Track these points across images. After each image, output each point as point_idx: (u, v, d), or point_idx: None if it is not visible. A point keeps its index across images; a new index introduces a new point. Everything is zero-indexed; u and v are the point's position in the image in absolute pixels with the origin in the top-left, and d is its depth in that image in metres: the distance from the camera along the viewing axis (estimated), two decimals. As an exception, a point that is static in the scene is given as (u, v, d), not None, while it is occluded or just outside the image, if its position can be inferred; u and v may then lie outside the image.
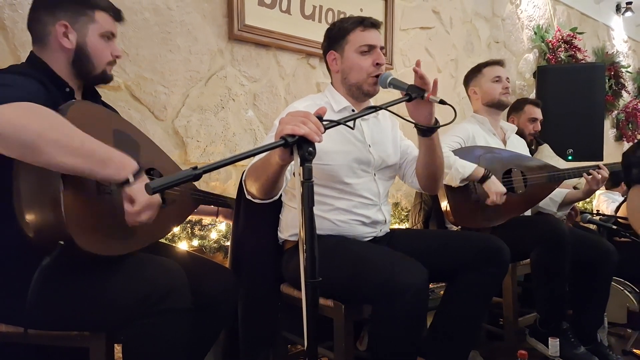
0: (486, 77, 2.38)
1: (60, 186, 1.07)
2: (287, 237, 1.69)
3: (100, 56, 1.35)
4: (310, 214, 0.96)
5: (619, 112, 5.17)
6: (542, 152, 2.84)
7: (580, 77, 3.73)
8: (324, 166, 1.57)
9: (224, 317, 1.49)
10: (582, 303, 2.22)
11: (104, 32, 1.35)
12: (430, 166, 1.63)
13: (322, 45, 1.72)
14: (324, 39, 1.71)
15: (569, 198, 2.40)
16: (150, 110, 2.04)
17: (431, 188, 1.75)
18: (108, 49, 1.37)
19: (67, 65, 1.32)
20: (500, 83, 2.34)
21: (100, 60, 1.35)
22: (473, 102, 2.46)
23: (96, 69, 1.36)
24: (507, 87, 2.35)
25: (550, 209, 2.44)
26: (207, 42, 2.19)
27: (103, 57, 1.36)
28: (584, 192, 2.30)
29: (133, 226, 1.18)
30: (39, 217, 1.10)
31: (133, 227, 1.19)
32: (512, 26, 3.97)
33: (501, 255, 1.61)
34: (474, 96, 2.43)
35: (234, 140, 2.30)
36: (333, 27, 1.67)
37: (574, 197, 2.39)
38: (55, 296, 1.15)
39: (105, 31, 1.35)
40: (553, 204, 2.42)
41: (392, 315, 1.33)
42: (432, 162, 1.62)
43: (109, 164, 1.10)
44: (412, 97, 1.37)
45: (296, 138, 0.99)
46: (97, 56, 1.35)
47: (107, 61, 1.37)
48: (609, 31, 5.23)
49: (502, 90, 2.34)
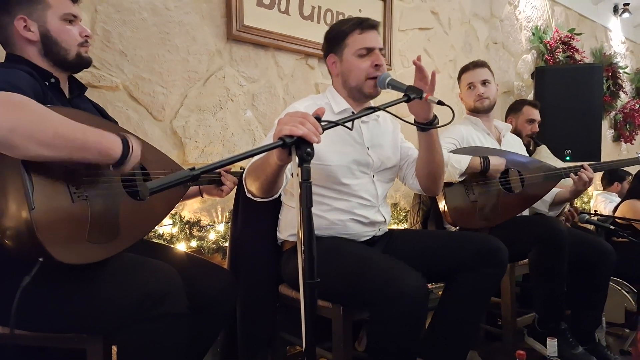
0: (463, 84, 2.41)
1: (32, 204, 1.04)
2: (286, 237, 1.69)
3: (68, 39, 1.34)
4: (309, 215, 0.96)
5: (616, 113, 5.17)
6: (540, 153, 2.84)
7: (578, 77, 3.74)
8: (322, 166, 1.57)
9: (222, 318, 1.48)
10: (580, 303, 2.22)
11: (63, 14, 1.33)
12: (430, 164, 1.64)
13: (322, 48, 1.72)
14: (323, 42, 1.71)
15: (559, 198, 2.40)
16: (148, 111, 2.04)
17: (432, 189, 1.74)
18: (74, 30, 1.35)
19: (42, 57, 1.32)
20: (473, 90, 2.35)
21: (69, 42, 1.34)
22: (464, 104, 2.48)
23: (69, 53, 1.34)
24: (480, 93, 2.33)
25: (542, 209, 2.44)
26: (206, 42, 2.19)
27: (71, 39, 1.34)
28: (572, 192, 2.30)
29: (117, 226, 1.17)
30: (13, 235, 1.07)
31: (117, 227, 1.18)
32: (511, 27, 3.98)
33: (499, 256, 1.61)
34: (462, 100, 2.47)
35: (233, 141, 2.30)
36: (331, 30, 1.67)
37: (564, 197, 2.39)
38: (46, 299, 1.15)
39: (64, 13, 1.33)
40: (544, 204, 2.42)
41: (391, 319, 1.32)
42: (432, 160, 1.63)
43: (88, 150, 1.09)
44: (410, 97, 1.37)
45: (294, 139, 0.99)
46: (64, 39, 1.33)
47: (77, 43, 1.35)
48: (606, 32, 5.24)
49: (476, 97, 2.34)
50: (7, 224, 1.07)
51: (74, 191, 1.14)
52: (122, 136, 1.18)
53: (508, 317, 2.21)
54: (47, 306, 1.16)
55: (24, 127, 1.01)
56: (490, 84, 2.35)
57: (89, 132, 1.11)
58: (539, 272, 2.09)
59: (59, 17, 1.33)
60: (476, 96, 2.33)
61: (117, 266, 1.20)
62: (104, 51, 1.91)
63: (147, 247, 1.50)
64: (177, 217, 2.05)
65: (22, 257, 1.09)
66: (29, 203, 1.04)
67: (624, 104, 5.22)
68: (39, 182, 1.07)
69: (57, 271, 1.13)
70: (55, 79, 1.31)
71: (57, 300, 1.16)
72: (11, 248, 1.09)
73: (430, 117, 1.51)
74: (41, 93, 1.18)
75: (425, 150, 1.61)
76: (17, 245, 1.08)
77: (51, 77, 1.31)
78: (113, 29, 1.92)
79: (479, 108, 2.35)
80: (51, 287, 1.14)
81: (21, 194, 1.05)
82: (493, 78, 2.39)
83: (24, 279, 1.06)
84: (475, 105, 2.35)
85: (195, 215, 2.14)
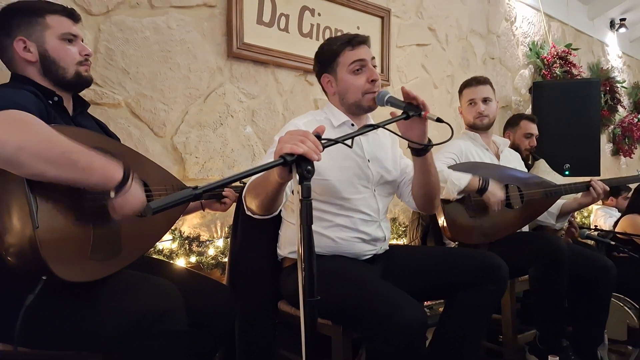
0: (464, 99, 2.41)
1: (36, 222, 1.05)
2: (286, 254, 1.69)
3: (66, 58, 1.34)
4: (309, 232, 0.97)
5: (615, 127, 5.20)
6: (538, 167, 2.85)
7: (576, 92, 3.76)
8: (323, 181, 1.58)
9: (221, 334, 1.48)
10: (582, 319, 2.21)
11: (62, 34, 1.34)
12: (425, 186, 1.63)
13: (314, 69, 1.72)
14: (314, 64, 1.71)
15: (565, 209, 2.41)
16: (149, 127, 2.05)
17: (427, 208, 1.74)
18: (73, 49, 1.36)
19: (42, 76, 1.33)
20: (474, 107, 2.35)
21: (66, 61, 1.34)
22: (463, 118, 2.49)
23: (67, 72, 1.35)
24: (481, 111, 2.33)
25: (549, 222, 2.44)
26: (207, 60, 2.22)
27: (69, 59, 1.35)
28: (579, 203, 2.32)
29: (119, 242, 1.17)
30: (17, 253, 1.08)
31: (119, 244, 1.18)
32: (507, 42, 4.03)
33: (500, 273, 1.61)
34: (461, 114, 2.47)
35: (232, 156, 2.32)
36: (322, 51, 1.67)
37: (570, 208, 2.40)
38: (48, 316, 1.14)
39: (63, 33, 1.34)
40: (551, 217, 2.42)
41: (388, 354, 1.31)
42: (427, 182, 1.62)
43: (92, 173, 1.10)
44: (409, 115, 1.38)
45: (295, 157, 1.00)
46: (62, 58, 1.34)
47: (75, 62, 1.36)
48: (603, 47, 5.29)
49: (476, 114, 2.34)
50: (11, 242, 1.08)
51: (76, 209, 1.15)
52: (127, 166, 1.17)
53: (509, 334, 2.20)
54: (50, 324, 1.15)
55: (31, 146, 1.02)
56: (491, 101, 2.36)
57: (95, 155, 1.12)
58: (540, 289, 2.08)
59: (57, 37, 1.34)
60: (476, 113, 2.34)
61: (117, 283, 1.20)
62: (107, 69, 1.93)
63: (147, 263, 1.50)
64: (177, 232, 2.05)
65: (26, 274, 1.10)
66: (33, 221, 1.05)
67: (622, 118, 5.25)
68: (42, 200, 1.08)
69: (60, 289, 1.13)
70: (58, 97, 1.32)
71: (59, 317, 1.16)
72: (15, 265, 1.09)
73: (425, 141, 1.49)
74: (45, 112, 1.20)
75: (420, 173, 1.61)
76: (20, 263, 1.09)
77: (54, 96, 1.32)
78: (116, 47, 1.95)
79: (478, 125, 2.36)
80: (53, 304, 1.14)
81: (25, 212, 1.05)
82: (494, 95, 2.40)
83: (28, 297, 1.06)
84: (475, 122, 2.36)
85: (194, 231, 2.15)
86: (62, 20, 1.35)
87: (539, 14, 4.33)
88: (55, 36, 1.34)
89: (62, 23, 1.35)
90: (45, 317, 1.13)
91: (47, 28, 1.33)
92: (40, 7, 1.35)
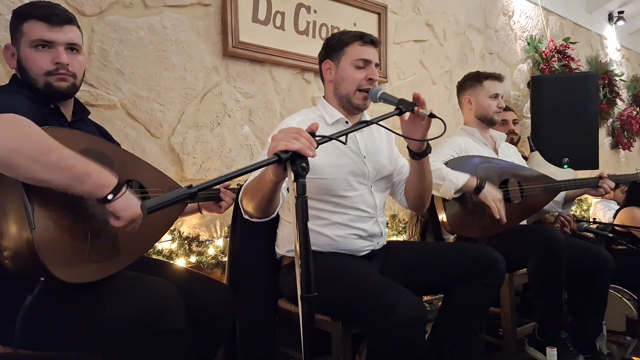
0: (485, 91, 2.35)
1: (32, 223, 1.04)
2: (284, 252, 1.70)
3: (33, 67, 1.27)
4: (305, 230, 0.97)
5: (614, 120, 5.19)
6: (532, 159, 2.84)
7: (575, 86, 3.75)
8: (319, 180, 1.58)
9: (222, 333, 1.48)
10: (581, 311, 2.22)
11: (32, 41, 1.26)
12: (419, 187, 1.68)
13: (319, 53, 1.73)
14: (322, 48, 1.73)
15: (570, 195, 2.42)
16: (146, 128, 2.06)
17: (418, 208, 1.79)
18: (44, 58, 1.27)
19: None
20: (496, 100, 2.35)
21: (35, 72, 1.27)
22: (465, 111, 2.43)
23: (37, 83, 1.27)
24: (501, 105, 2.36)
25: (555, 210, 2.46)
26: (202, 59, 2.22)
27: (36, 68, 1.27)
28: (584, 189, 2.34)
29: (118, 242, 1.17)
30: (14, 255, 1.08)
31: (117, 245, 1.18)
32: (506, 37, 4.02)
33: (497, 267, 1.62)
34: (467, 105, 2.40)
35: (230, 156, 2.32)
36: (332, 38, 1.70)
37: (574, 194, 2.41)
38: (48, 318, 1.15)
39: (34, 40, 1.26)
40: (556, 205, 2.43)
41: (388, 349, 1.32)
42: (421, 184, 1.67)
43: (87, 180, 1.10)
44: (402, 110, 1.39)
45: (289, 154, 1.01)
46: (31, 68, 1.27)
47: (43, 72, 1.27)
48: (602, 40, 5.28)
49: (497, 109, 2.34)
50: (8, 244, 1.08)
51: (73, 211, 1.15)
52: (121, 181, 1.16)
53: (508, 327, 2.20)
54: (49, 325, 1.16)
55: (27, 149, 1.03)
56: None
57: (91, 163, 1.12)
58: (538, 282, 2.09)
59: (28, 44, 1.27)
60: (498, 107, 2.34)
61: (116, 284, 1.21)
62: (102, 70, 1.93)
63: (146, 263, 1.51)
64: (176, 232, 2.06)
65: (24, 277, 1.10)
66: (29, 223, 1.05)
67: (621, 111, 5.24)
68: (38, 201, 1.08)
69: (58, 290, 1.14)
70: (54, 105, 1.31)
71: (59, 319, 1.16)
72: (12, 268, 1.09)
73: (424, 144, 1.52)
74: (41, 116, 1.19)
75: (416, 175, 1.65)
76: (18, 265, 1.09)
77: (50, 104, 1.30)
78: (110, 48, 1.95)
79: (495, 120, 2.36)
80: (52, 306, 1.15)
81: (22, 214, 1.06)
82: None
83: (27, 298, 1.07)
84: (493, 117, 2.35)
85: (194, 231, 2.15)
86: (35, 26, 1.26)
87: (537, 8, 4.32)
88: (27, 44, 1.27)
89: (33, 28, 1.26)
90: (44, 318, 1.14)
91: (22, 35, 1.28)
92: (22, 12, 1.30)
